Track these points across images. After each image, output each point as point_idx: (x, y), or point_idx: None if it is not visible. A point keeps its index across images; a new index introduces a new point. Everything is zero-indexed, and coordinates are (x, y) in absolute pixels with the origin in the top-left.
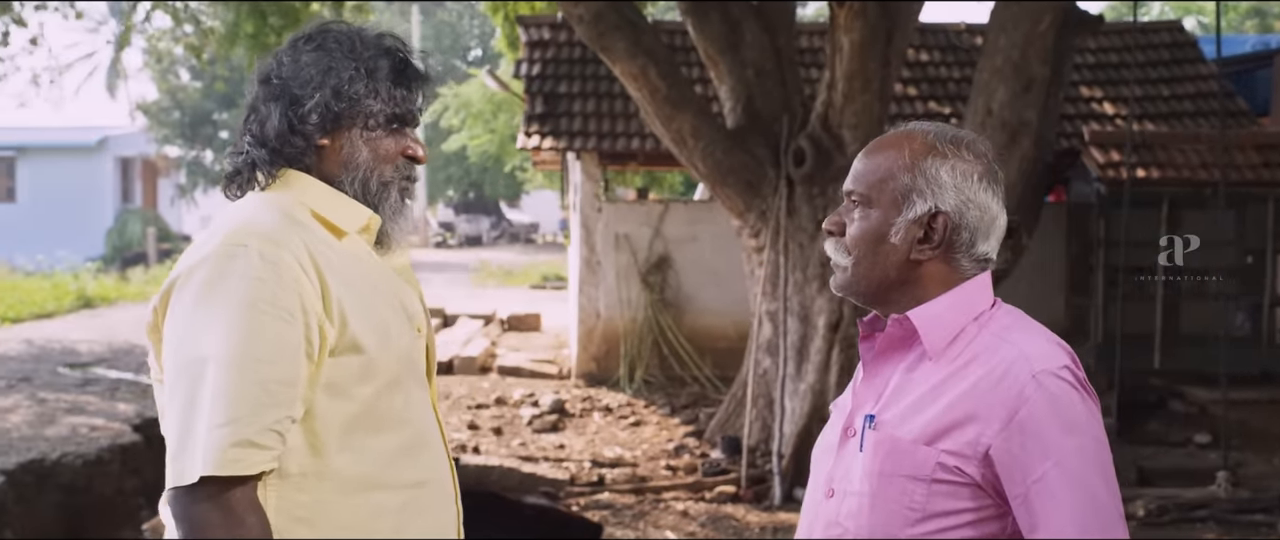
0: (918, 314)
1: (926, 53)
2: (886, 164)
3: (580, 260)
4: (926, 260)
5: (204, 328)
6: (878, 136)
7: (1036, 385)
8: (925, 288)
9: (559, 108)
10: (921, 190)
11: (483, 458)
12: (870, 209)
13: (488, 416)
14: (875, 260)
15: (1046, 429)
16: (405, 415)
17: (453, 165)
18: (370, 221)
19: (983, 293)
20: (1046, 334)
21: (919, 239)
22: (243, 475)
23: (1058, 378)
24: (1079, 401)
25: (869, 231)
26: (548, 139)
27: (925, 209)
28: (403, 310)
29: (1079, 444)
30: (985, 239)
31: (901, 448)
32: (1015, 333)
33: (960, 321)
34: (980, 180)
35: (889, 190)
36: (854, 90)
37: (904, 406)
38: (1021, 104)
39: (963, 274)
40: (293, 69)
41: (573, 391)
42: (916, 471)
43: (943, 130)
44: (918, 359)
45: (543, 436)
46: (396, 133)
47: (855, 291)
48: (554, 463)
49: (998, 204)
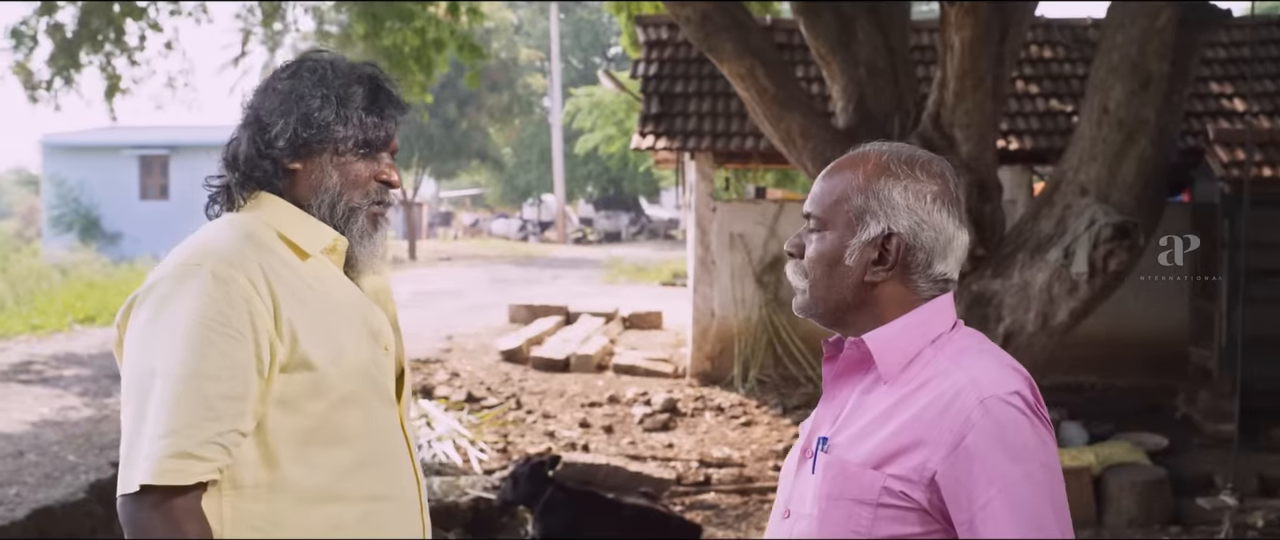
0: (873, 337)
1: (1050, 49)
2: (841, 185)
3: (695, 260)
4: (882, 282)
5: (155, 343)
6: (990, 136)
7: (983, 411)
8: (883, 309)
9: (674, 107)
10: (874, 211)
11: (590, 456)
12: (826, 231)
13: (600, 415)
14: (831, 282)
15: (992, 455)
16: (363, 430)
17: (591, 162)
18: (336, 243)
19: (941, 315)
20: (1002, 358)
21: (873, 260)
22: (183, 485)
23: (1006, 403)
24: (1028, 428)
25: (825, 253)
26: (662, 139)
27: (878, 230)
28: (367, 329)
29: (1026, 471)
30: (942, 259)
31: (849, 471)
32: (968, 357)
33: (916, 345)
34: (934, 200)
35: (843, 212)
36: (965, 89)
37: (856, 430)
38: (1139, 102)
39: (920, 296)
40: (264, 98)
41: (686, 391)
42: (862, 495)
43: (898, 150)
44: (873, 382)
45: (653, 435)
46: (369, 158)
47: (814, 314)
48: (662, 462)
49: (954, 224)
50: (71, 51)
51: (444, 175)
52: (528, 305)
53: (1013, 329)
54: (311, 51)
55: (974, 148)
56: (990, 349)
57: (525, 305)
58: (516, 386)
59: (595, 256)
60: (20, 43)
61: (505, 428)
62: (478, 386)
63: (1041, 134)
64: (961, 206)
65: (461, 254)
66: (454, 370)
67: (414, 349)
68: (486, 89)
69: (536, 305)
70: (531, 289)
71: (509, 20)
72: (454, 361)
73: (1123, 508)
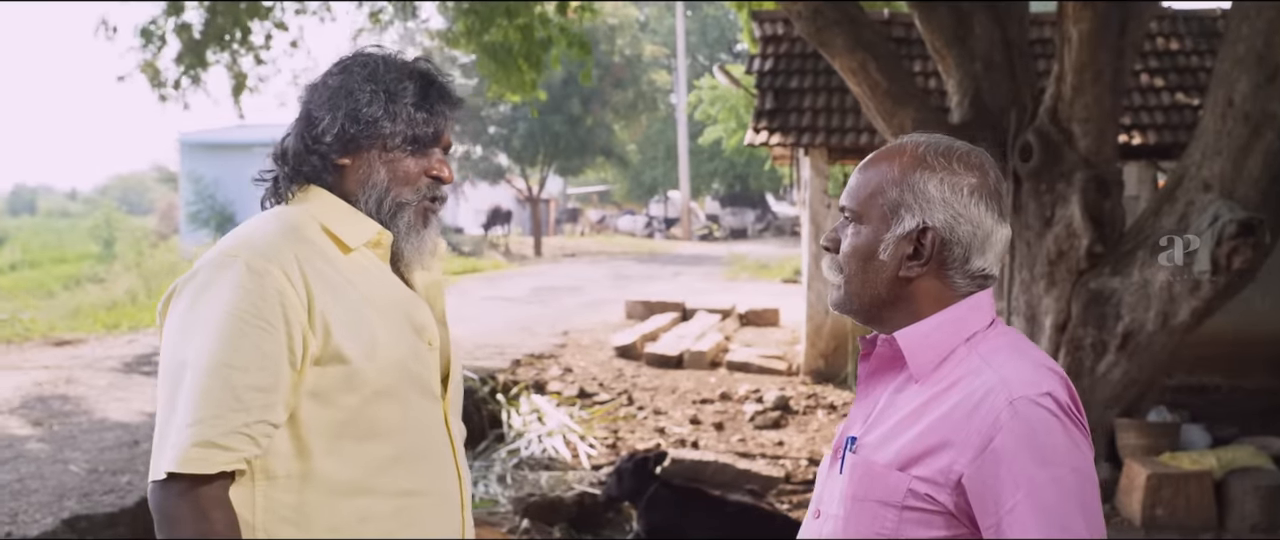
0: (904, 334)
1: (1176, 41)
2: (876, 178)
3: (809, 256)
4: (917, 277)
5: (189, 334)
6: (1109, 131)
7: (1012, 412)
8: (919, 306)
9: (789, 103)
10: (909, 205)
11: (699, 453)
12: (861, 225)
13: (711, 411)
14: (866, 278)
15: (1020, 458)
16: (400, 425)
17: (716, 159)
18: (379, 237)
19: (977, 312)
20: (1037, 358)
21: (908, 255)
22: (209, 473)
23: (1037, 404)
24: (1059, 430)
25: (860, 248)
26: (775, 135)
27: (913, 224)
28: (409, 324)
29: (1054, 474)
30: (980, 255)
31: (874, 472)
32: (1000, 356)
33: (950, 343)
34: (972, 193)
35: (878, 205)
36: (1084, 83)
37: (885, 430)
38: (1265, 95)
39: (957, 292)
40: (315, 93)
41: (799, 388)
42: (888, 497)
43: (936, 142)
44: (906, 381)
45: (763, 433)
46: (420, 154)
47: (850, 310)
48: (771, 460)
49: (994, 218)
50: (199, 51)
51: (569, 172)
52: (645, 301)
53: (1131, 328)
54: (366, 47)
55: (1092, 142)
56: (1026, 348)
57: (642, 301)
58: (629, 382)
59: (718, 253)
60: (149, 41)
61: (616, 423)
62: (590, 382)
63: (1166, 128)
64: (1004, 200)
65: (586, 250)
66: (567, 366)
67: (529, 344)
68: (611, 86)
69: (653, 301)
70: (651, 285)
71: (634, 17)
72: (568, 357)
73: (1246, 512)
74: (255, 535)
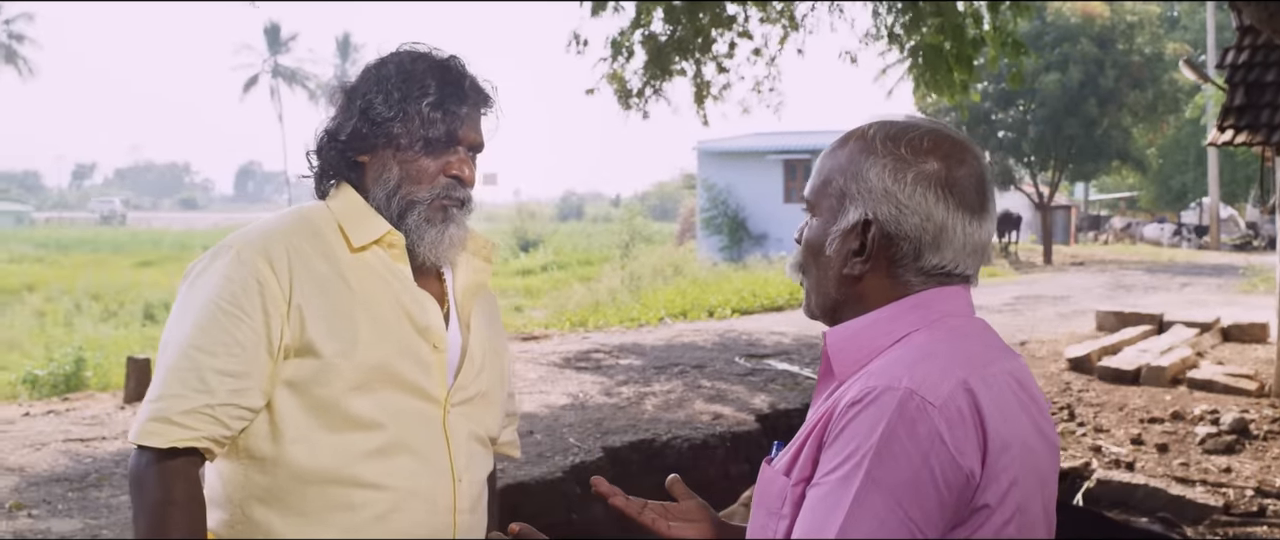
0: (832, 333)
1: None
2: (829, 166)
3: None
4: (864, 275)
5: (177, 316)
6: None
7: (875, 402)
8: (870, 306)
9: (1263, 98)
10: (853, 196)
11: (1130, 475)
12: (814, 218)
13: (1157, 431)
14: (817, 275)
15: (842, 444)
16: (377, 422)
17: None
18: (387, 236)
19: (919, 311)
20: (953, 362)
21: (853, 251)
22: (161, 447)
23: (910, 398)
24: (918, 435)
25: (810, 243)
26: (1243, 134)
27: (857, 217)
28: (409, 324)
29: (848, 473)
30: (935, 251)
31: (767, 477)
32: (912, 356)
33: (878, 343)
34: (920, 182)
35: (827, 196)
36: None
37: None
38: None
39: (909, 290)
40: (337, 95)
41: (1264, 411)
42: (772, 504)
43: (890, 125)
44: (837, 383)
45: (1212, 458)
46: (438, 153)
47: (811, 311)
48: (1211, 488)
49: (949, 209)
50: (664, 61)
51: (1082, 177)
52: (1117, 312)
53: None
54: (404, 44)
55: None
56: (949, 352)
57: (1114, 312)
58: (1074, 396)
59: (1244, 264)
60: (618, 53)
61: None
62: None
63: None
64: (980, 192)
65: (1097, 258)
66: None
67: None
68: (1128, 86)
69: (1126, 312)
70: (1148, 296)
71: (1154, 13)
72: None
73: None
74: (232, 509)
